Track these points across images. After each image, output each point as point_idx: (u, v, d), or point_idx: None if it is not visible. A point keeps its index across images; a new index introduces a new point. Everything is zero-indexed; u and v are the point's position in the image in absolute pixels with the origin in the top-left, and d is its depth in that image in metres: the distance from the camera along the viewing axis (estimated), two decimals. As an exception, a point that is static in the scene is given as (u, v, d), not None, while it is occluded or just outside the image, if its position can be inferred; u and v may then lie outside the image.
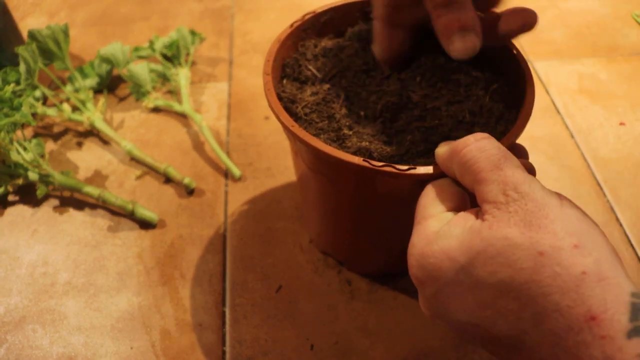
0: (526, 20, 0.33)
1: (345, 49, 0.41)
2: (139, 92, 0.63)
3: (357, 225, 0.41)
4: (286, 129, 0.34)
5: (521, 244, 0.24)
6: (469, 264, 0.25)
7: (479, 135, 0.28)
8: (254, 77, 0.67)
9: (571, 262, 0.23)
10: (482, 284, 0.24)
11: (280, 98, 0.38)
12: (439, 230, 0.27)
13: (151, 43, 0.65)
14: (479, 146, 0.27)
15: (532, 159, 0.33)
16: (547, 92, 0.65)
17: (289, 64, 0.41)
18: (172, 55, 0.66)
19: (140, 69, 0.62)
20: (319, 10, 0.42)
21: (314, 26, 0.42)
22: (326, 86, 0.39)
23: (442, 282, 0.26)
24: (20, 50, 0.52)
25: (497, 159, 0.26)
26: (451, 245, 0.26)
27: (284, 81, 0.40)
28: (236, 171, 0.55)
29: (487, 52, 0.41)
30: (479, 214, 0.26)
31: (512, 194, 0.25)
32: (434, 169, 0.31)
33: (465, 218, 0.27)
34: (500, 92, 0.37)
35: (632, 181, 0.55)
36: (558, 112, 0.63)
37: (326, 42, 0.42)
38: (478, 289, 0.25)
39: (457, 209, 0.29)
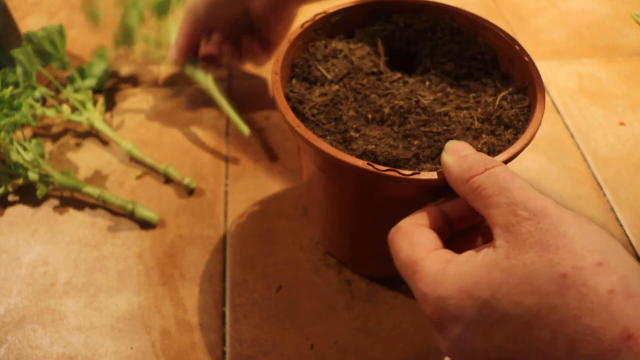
0: None
1: (356, 50, 0.41)
2: (129, 40, 0.63)
3: (360, 228, 0.41)
4: (292, 129, 0.34)
5: (541, 268, 0.23)
6: (492, 298, 0.24)
7: (489, 162, 0.28)
8: (254, 77, 0.67)
9: (596, 281, 0.22)
10: (508, 316, 0.24)
11: (288, 98, 0.37)
12: (443, 268, 0.26)
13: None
14: (488, 174, 0.27)
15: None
16: (547, 92, 0.65)
17: (299, 64, 0.40)
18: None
19: (130, 16, 0.62)
20: (330, 11, 0.42)
21: (325, 27, 0.42)
22: (335, 87, 0.38)
23: (465, 321, 0.25)
24: (16, 53, 0.51)
25: (504, 181, 0.26)
26: (467, 282, 0.25)
27: (293, 81, 0.40)
28: (245, 129, 0.54)
29: (498, 58, 0.41)
30: (491, 242, 0.26)
31: (522, 213, 0.24)
32: (437, 174, 0.30)
33: (475, 252, 0.26)
34: (509, 99, 0.37)
35: (632, 181, 0.55)
36: (558, 112, 0.63)
37: (336, 43, 0.42)
38: (505, 322, 0.24)
39: (434, 242, 0.28)
